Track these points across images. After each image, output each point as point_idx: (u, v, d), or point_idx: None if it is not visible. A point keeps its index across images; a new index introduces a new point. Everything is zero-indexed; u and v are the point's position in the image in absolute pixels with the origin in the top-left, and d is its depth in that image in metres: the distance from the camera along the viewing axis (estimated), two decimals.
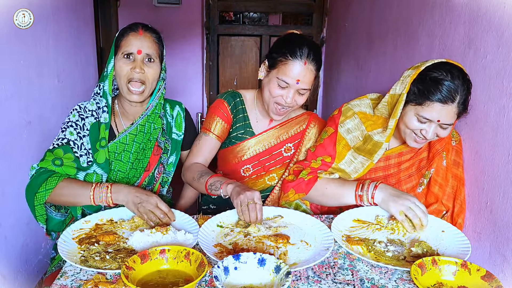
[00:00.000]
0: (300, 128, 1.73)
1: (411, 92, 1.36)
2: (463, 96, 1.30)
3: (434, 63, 1.35)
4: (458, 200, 1.48)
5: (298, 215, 1.43)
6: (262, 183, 1.73)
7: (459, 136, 1.55)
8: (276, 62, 1.52)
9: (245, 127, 1.70)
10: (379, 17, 2.67)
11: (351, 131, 1.54)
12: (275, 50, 1.54)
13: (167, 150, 1.65)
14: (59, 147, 1.46)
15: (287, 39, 1.55)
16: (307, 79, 1.50)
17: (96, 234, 1.29)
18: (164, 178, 1.68)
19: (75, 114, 1.51)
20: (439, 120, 1.32)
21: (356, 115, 1.55)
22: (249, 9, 4.58)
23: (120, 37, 1.49)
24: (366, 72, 2.95)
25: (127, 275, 0.97)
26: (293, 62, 1.48)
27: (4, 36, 1.81)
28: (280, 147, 1.71)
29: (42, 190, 1.39)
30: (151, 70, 1.48)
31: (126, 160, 1.55)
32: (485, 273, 1.06)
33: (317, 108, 4.64)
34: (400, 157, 1.53)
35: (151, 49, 1.48)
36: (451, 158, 1.49)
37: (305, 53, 1.47)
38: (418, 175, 1.53)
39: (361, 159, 1.52)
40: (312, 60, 1.49)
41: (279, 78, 1.50)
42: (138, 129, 1.56)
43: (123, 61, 1.47)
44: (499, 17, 1.35)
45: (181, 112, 1.69)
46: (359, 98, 1.60)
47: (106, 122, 1.51)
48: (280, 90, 1.52)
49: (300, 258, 1.19)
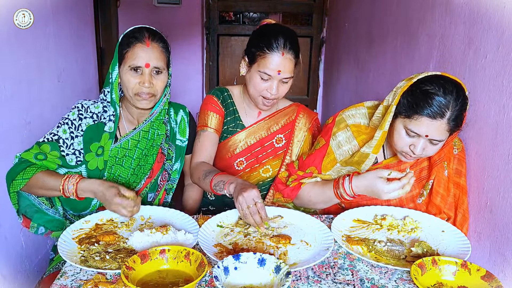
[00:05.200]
0: (290, 119, 1.74)
1: (401, 104, 1.31)
2: (455, 112, 1.24)
3: (428, 75, 1.31)
4: (461, 209, 1.45)
5: (298, 215, 1.43)
6: (257, 175, 1.74)
7: (462, 144, 1.51)
8: (255, 57, 1.53)
9: (235, 120, 1.72)
10: (379, 17, 2.67)
11: (341, 145, 1.52)
12: (252, 45, 1.55)
13: (171, 156, 1.63)
14: (47, 142, 1.46)
15: (261, 32, 1.56)
16: (287, 68, 1.52)
17: (96, 234, 1.29)
18: (169, 185, 1.66)
19: (75, 112, 1.50)
20: (428, 135, 1.27)
21: (349, 128, 1.52)
22: (249, 9, 4.58)
23: (125, 47, 1.42)
24: (366, 72, 2.95)
25: (127, 275, 0.97)
26: (271, 55, 1.49)
27: (4, 36, 1.81)
28: (271, 138, 1.73)
29: (19, 178, 1.40)
30: (159, 82, 1.45)
31: (128, 165, 1.53)
32: (485, 273, 1.06)
33: (317, 108, 4.64)
34: (399, 166, 1.49)
35: (159, 61, 1.43)
36: (452, 167, 1.46)
37: (281, 44, 1.49)
38: (418, 186, 1.50)
39: (348, 169, 1.51)
40: (289, 49, 1.50)
41: (261, 71, 1.52)
42: (141, 135, 1.54)
43: (131, 74, 1.42)
44: (499, 17, 1.35)
45: (185, 117, 1.67)
46: (355, 106, 1.56)
47: (111, 131, 1.49)
48: (264, 83, 1.54)
49: (300, 258, 1.19)
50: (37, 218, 1.52)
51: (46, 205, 1.52)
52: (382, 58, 2.59)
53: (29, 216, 1.51)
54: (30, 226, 1.52)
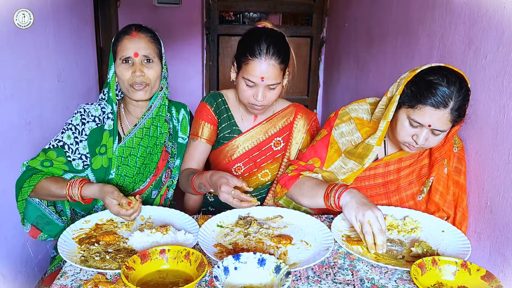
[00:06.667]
0: (288, 121, 1.71)
1: (405, 94, 1.33)
2: (458, 102, 1.26)
3: (431, 66, 1.33)
4: (460, 208, 1.45)
5: (298, 215, 1.43)
6: (255, 180, 1.72)
7: (462, 142, 1.51)
8: (240, 63, 1.50)
9: (231, 126, 1.69)
10: (379, 17, 2.67)
11: (344, 135, 1.53)
12: (238, 50, 1.53)
13: (174, 154, 1.66)
14: (53, 149, 1.48)
15: (246, 37, 1.53)
16: (271, 75, 1.47)
17: (96, 234, 1.29)
18: (169, 181, 1.69)
19: (78, 117, 1.52)
20: (430, 125, 1.29)
21: (352, 120, 1.53)
22: (249, 9, 4.58)
23: (116, 42, 1.49)
24: (366, 72, 2.95)
25: (127, 275, 0.97)
26: (253, 61, 1.45)
27: (4, 36, 1.81)
28: (269, 141, 1.70)
29: (26, 185, 1.43)
30: (151, 71, 1.49)
31: (133, 164, 1.55)
32: (485, 273, 1.06)
33: (317, 108, 4.64)
34: (400, 163, 1.49)
35: (147, 50, 1.48)
36: (452, 165, 1.46)
37: (264, 49, 1.44)
38: (418, 183, 1.50)
39: (351, 165, 1.49)
40: (272, 55, 1.45)
41: (245, 78, 1.49)
42: (144, 132, 1.55)
43: (123, 66, 1.47)
44: (499, 17, 1.35)
45: (186, 115, 1.70)
46: (357, 102, 1.57)
47: (111, 129, 1.52)
48: (250, 90, 1.50)
49: (300, 258, 1.19)
50: (49, 230, 1.54)
51: (56, 214, 1.55)
52: (382, 58, 2.58)
53: (40, 228, 1.53)
54: (39, 236, 1.55)
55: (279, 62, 1.47)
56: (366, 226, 1.21)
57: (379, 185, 1.53)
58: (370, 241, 1.20)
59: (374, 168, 1.51)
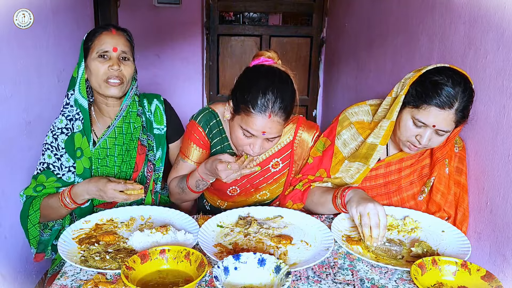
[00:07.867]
0: (288, 139, 1.58)
1: (410, 94, 1.34)
2: (463, 103, 1.27)
3: (436, 67, 1.33)
4: (461, 208, 1.45)
5: (298, 215, 1.43)
6: (253, 199, 1.67)
7: (463, 142, 1.52)
8: (239, 109, 1.35)
9: (224, 149, 1.58)
10: (379, 17, 2.67)
11: (347, 143, 1.53)
12: (239, 92, 1.37)
13: (152, 146, 1.63)
14: (41, 173, 1.52)
15: (250, 81, 1.37)
16: (274, 130, 1.35)
17: (96, 234, 1.29)
18: (155, 175, 1.65)
19: (49, 135, 1.54)
20: (435, 125, 1.29)
21: (353, 125, 1.53)
22: (249, 9, 4.58)
23: (91, 37, 1.48)
24: (366, 72, 2.95)
25: (127, 275, 0.97)
26: (255, 115, 1.31)
27: (4, 36, 1.81)
28: (267, 163, 1.59)
29: (32, 212, 1.48)
30: (127, 68, 1.49)
31: (112, 164, 1.56)
32: (485, 273, 1.06)
33: (317, 108, 4.64)
34: (401, 163, 1.49)
35: (126, 47, 1.49)
36: (453, 165, 1.47)
37: (270, 105, 1.30)
38: (420, 183, 1.50)
39: (357, 165, 1.49)
40: (278, 111, 1.31)
41: (243, 128, 1.35)
42: (117, 132, 1.55)
43: (99, 60, 1.46)
44: (499, 17, 1.35)
45: (159, 105, 1.66)
46: (358, 105, 1.57)
47: (80, 129, 1.51)
48: (247, 139, 1.38)
49: (300, 258, 1.19)
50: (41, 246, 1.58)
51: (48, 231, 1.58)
52: (382, 58, 2.58)
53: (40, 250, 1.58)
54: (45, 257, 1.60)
55: (284, 118, 1.35)
56: (365, 218, 1.23)
57: (380, 186, 1.53)
58: (367, 233, 1.23)
59: (376, 169, 1.51)
